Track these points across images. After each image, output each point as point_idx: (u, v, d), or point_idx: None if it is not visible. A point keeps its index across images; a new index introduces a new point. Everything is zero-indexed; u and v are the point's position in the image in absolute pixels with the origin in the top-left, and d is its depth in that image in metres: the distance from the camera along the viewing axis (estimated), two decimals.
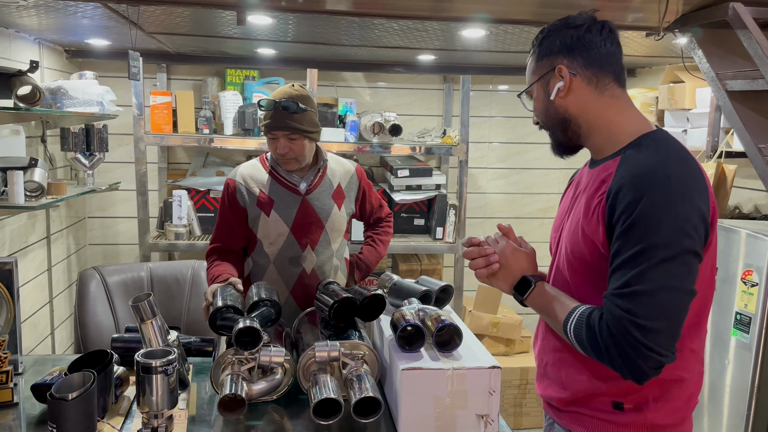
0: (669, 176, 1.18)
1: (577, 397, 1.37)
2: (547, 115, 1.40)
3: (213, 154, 3.83)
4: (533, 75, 1.42)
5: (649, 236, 1.15)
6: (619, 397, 1.31)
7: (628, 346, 1.15)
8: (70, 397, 1.34)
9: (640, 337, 1.14)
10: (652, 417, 1.30)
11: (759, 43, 1.66)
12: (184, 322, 2.76)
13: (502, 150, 4.18)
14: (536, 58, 1.40)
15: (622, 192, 1.20)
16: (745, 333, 2.05)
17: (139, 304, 1.64)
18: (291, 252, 2.18)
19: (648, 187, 1.17)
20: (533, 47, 1.42)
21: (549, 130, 1.43)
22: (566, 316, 1.28)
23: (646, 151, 1.25)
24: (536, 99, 1.42)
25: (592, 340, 1.20)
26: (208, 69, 3.76)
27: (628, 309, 1.15)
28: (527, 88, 1.44)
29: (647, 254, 1.15)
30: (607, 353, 1.18)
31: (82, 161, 3.01)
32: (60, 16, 2.38)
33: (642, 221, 1.16)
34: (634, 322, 1.14)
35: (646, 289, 1.14)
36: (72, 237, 3.58)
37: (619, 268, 1.19)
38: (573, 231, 1.35)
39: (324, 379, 1.55)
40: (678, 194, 1.17)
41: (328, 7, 2.00)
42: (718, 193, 2.55)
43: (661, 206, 1.16)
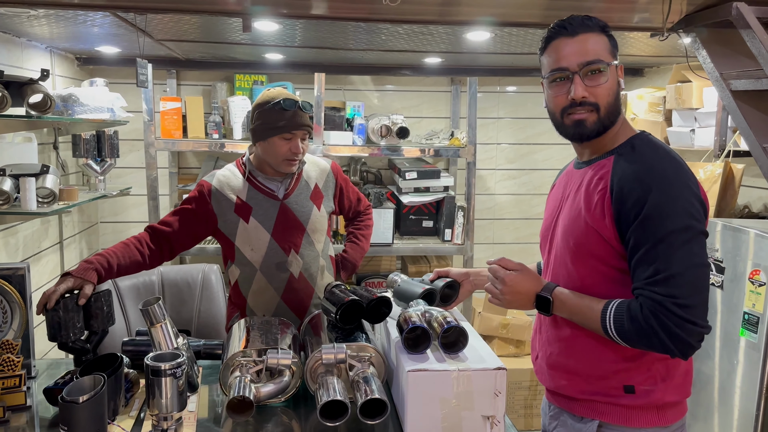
0: (668, 170, 1.31)
1: (589, 383, 1.44)
2: (616, 99, 1.41)
3: (223, 158, 3.86)
4: (610, 56, 1.40)
5: (666, 225, 1.27)
6: (630, 380, 1.39)
7: (674, 326, 1.25)
8: (81, 400, 1.36)
9: (684, 314, 1.24)
10: (661, 396, 1.39)
11: (762, 42, 1.66)
12: (195, 326, 2.79)
13: (510, 151, 4.19)
14: (610, 43, 1.41)
15: (627, 187, 1.31)
16: (754, 333, 2.04)
17: (148, 308, 1.67)
18: (276, 258, 2.16)
19: (653, 182, 1.29)
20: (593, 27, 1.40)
21: (607, 111, 1.39)
22: (601, 314, 1.35)
23: (641, 151, 1.37)
24: (612, 78, 1.39)
25: (639, 329, 1.28)
26: (217, 74, 3.80)
27: (667, 293, 1.25)
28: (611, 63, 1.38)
29: (668, 241, 1.26)
30: (656, 337, 1.26)
31: (94, 167, 3.05)
32: (70, 25, 2.42)
33: (655, 213, 1.27)
34: (676, 302, 1.25)
35: (676, 271, 1.25)
36: (85, 242, 3.63)
37: (644, 259, 1.29)
38: (574, 225, 1.42)
39: (331, 381, 1.56)
40: (679, 185, 1.29)
41: (331, 13, 2.02)
42: (726, 192, 2.54)
43: (669, 197, 1.28)
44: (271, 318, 1.96)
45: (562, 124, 1.44)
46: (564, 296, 1.43)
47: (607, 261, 1.38)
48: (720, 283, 2.22)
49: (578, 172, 1.49)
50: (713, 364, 2.26)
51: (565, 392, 1.50)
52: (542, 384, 1.60)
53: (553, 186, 1.65)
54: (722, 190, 2.52)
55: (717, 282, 2.24)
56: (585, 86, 1.37)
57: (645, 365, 1.39)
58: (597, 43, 1.39)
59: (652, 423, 1.40)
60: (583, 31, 1.39)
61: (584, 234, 1.39)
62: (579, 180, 1.47)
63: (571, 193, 1.48)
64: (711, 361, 2.27)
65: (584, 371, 1.45)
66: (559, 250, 1.48)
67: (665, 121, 3.11)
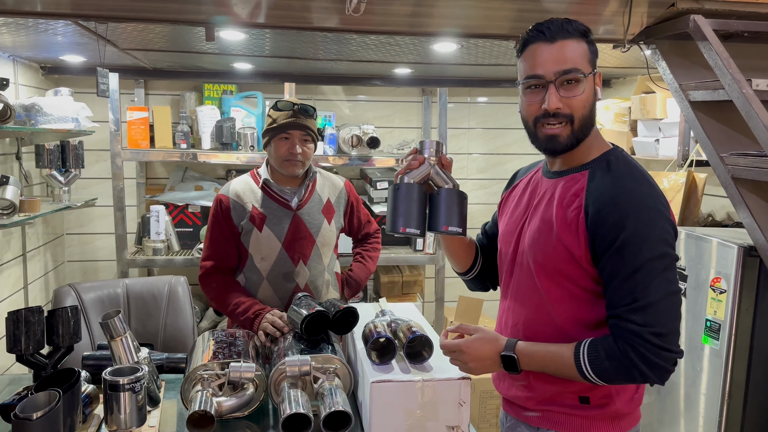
0: (645, 196, 1.29)
1: (545, 396, 1.43)
2: (591, 112, 1.35)
3: (192, 168, 3.82)
4: (589, 65, 1.33)
5: (644, 253, 1.25)
6: (585, 392, 1.39)
7: (653, 355, 1.24)
8: (35, 416, 1.32)
9: (660, 342, 1.24)
10: (615, 408, 1.39)
11: (718, 54, 1.70)
12: (160, 339, 2.74)
13: (481, 161, 4.21)
14: (590, 50, 1.34)
15: (605, 211, 1.28)
16: (716, 340, 2.07)
17: (108, 321, 1.64)
18: (284, 268, 2.19)
19: (631, 208, 1.27)
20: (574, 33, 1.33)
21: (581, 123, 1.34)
22: (574, 360, 1.32)
23: (617, 171, 1.33)
24: (588, 89, 1.33)
25: (618, 366, 1.27)
26: (186, 84, 3.76)
27: (644, 322, 1.24)
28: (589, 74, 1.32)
29: (645, 269, 1.25)
30: (636, 369, 1.26)
31: (58, 178, 2.99)
32: (32, 33, 2.38)
33: (633, 240, 1.25)
34: (653, 331, 1.24)
35: (653, 300, 1.24)
36: (50, 254, 3.55)
37: (621, 285, 1.27)
38: (545, 240, 1.38)
39: (294, 393, 1.54)
40: (655, 211, 1.27)
41: (293, 24, 2.02)
42: (689, 201, 2.58)
43: (646, 225, 1.26)
44: (237, 330, 1.93)
45: (535, 134, 1.38)
46: (529, 350, 1.39)
47: (574, 280, 1.36)
48: (683, 290, 2.25)
49: (549, 182, 1.45)
50: (678, 371, 2.29)
51: (521, 402, 1.49)
52: (499, 393, 1.59)
53: (514, 186, 1.60)
54: (685, 199, 2.56)
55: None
56: (560, 97, 1.31)
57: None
58: (575, 50, 1.32)
59: None
60: (561, 36, 1.32)
61: (554, 250, 1.36)
62: (550, 191, 1.42)
63: (541, 204, 1.44)
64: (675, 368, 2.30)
65: (539, 385, 1.43)
66: (526, 260, 1.45)
67: (631, 131, 3.16)
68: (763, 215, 1.62)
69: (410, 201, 1.45)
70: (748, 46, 1.97)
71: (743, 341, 2.01)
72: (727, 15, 1.89)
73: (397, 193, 1.46)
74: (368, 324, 1.73)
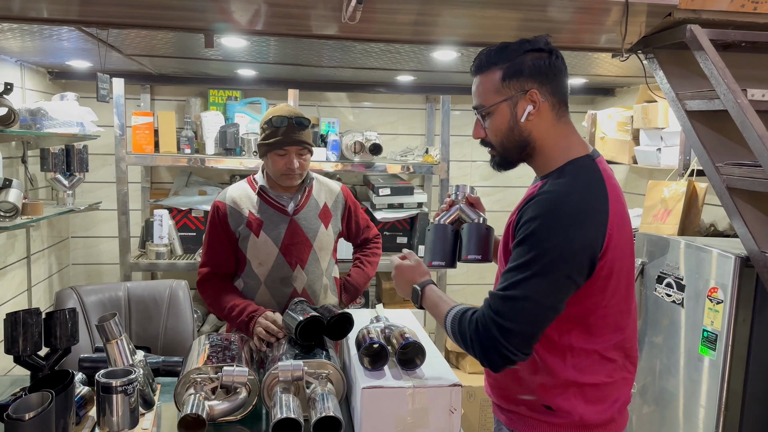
0: (565, 204, 1.32)
1: (515, 397, 1.49)
2: (509, 137, 1.43)
3: (197, 173, 3.85)
4: (497, 95, 1.40)
5: (533, 251, 1.30)
6: (547, 400, 1.43)
7: (486, 339, 1.31)
8: (27, 417, 1.34)
9: (497, 334, 1.30)
10: (581, 418, 1.42)
11: (714, 63, 1.70)
12: (161, 342, 2.76)
13: (485, 168, 4.21)
14: (501, 78, 1.40)
15: (528, 208, 1.35)
16: (713, 350, 2.06)
17: (103, 324, 1.65)
18: (281, 272, 2.20)
19: (544, 210, 1.31)
20: (487, 66, 1.42)
21: (503, 149, 1.46)
22: (446, 313, 1.43)
23: (562, 178, 1.37)
24: (498, 119, 1.42)
25: (462, 334, 1.37)
26: (191, 90, 3.79)
27: (496, 309, 1.31)
28: (491, 106, 1.41)
29: (527, 266, 1.30)
30: (471, 343, 1.34)
31: (62, 181, 3.03)
32: (38, 39, 2.41)
33: (532, 237, 1.31)
34: (496, 321, 1.30)
35: (515, 295, 1.30)
36: (54, 257, 3.58)
37: (506, 272, 1.34)
38: (501, 245, 1.50)
39: (285, 398, 1.55)
40: (569, 221, 1.30)
41: (295, 31, 2.04)
42: (689, 211, 2.57)
43: (550, 229, 1.30)
44: (232, 334, 1.94)
45: None
46: (429, 293, 1.53)
47: None
48: (680, 300, 2.24)
49: (532, 188, 1.51)
50: (677, 382, 2.27)
51: (496, 401, 1.57)
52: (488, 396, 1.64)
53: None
54: (686, 208, 2.55)
55: (677, 300, 2.26)
56: (481, 127, 1.47)
57: (560, 387, 1.42)
58: (484, 83, 1.43)
59: None
60: (478, 72, 1.45)
61: (504, 254, 1.46)
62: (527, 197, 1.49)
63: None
64: (674, 378, 2.28)
65: (509, 386, 1.49)
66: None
67: (633, 140, 3.16)
68: (758, 225, 1.62)
69: (436, 239, 1.68)
70: (747, 56, 1.96)
71: (740, 352, 1.99)
72: (725, 25, 1.89)
73: (428, 233, 1.70)
74: (362, 330, 1.74)
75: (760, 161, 1.57)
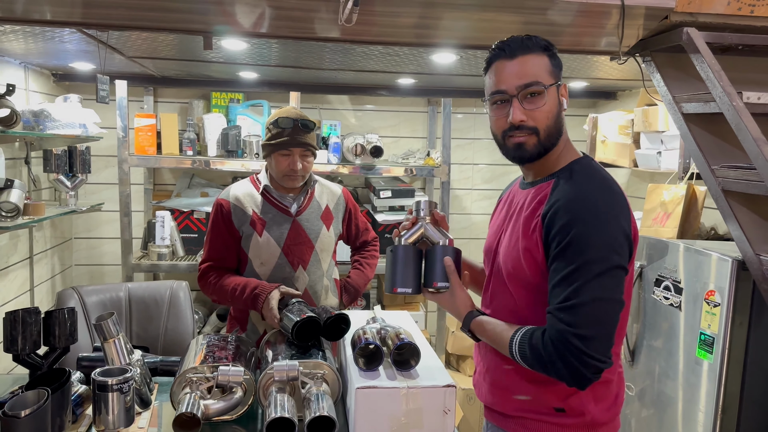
0: (597, 201, 1.32)
1: (521, 401, 1.46)
2: (557, 121, 1.40)
3: (199, 175, 3.87)
4: (551, 77, 1.38)
5: (583, 254, 1.27)
6: (559, 402, 1.42)
7: (570, 355, 1.26)
8: (23, 414, 1.35)
9: (581, 345, 1.25)
10: (591, 417, 1.41)
11: (710, 66, 1.70)
12: (161, 343, 2.77)
13: (486, 171, 4.22)
14: (551, 63, 1.40)
15: (558, 215, 1.32)
16: (710, 353, 2.05)
17: (101, 323, 1.66)
18: (283, 272, 2.21)
19: (581, 211, 1.30)
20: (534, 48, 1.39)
21: (547, 134, 1.39)
22: (509, 340, 1.38)
23: (577, 178, 1.38)
24: (551, 100, 1.38)
25: (538, 357, 1.31)
26: (194, 92, 3.82)
27: (569, 322, 1.27)
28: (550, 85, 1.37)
29: (582, 270, 1.27)
30: (552, 366, 1.29)
31: (64, 182, 3.05)
32: (40, 41, 2.44)
33: (576, 241, 1.28)
34: (575, 333, 1.26)
35: (582, 301, 1.26)
36: (57, 257, 3.60)
37: (558, 284, 1.30)
38: (513, 249, 1.43)
39: (280, 398, 1.55)
40: (605, 217, 1.30)
41: (295, 34, 2.05)
42: (689, 214, 2.56)
43: (591, 227, 1.29)
44: (229, 335, 1.95)
45: (504, 145, 1.44)
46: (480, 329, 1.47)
47: (539, 286, 1.39)
48: (678, 303, 2.24)
49: (522, 193, 1.50)
50: (675, 385, 2.27)
51: (499, 408, 1.52)
52: (479, 400, 1.61)
53: (499, 202, 1.67)
54: (685, 211, 2.55)
55: (675, 303, 2.26)
56: (523, 110, 1.37)
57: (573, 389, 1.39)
58: (536, 65, 1.38)
59: None
60: (522, 52, 1.38)
61: (520, 258, 1.40)
62: (522, 201, 1.48)
63: (514, 214, 1.50)
64: (672, 381, 2.28)
65: (517, 388, 1.47)
66: (499, 270, 1.50)
67: (634, 143, 3.16)
68: (752, 228, 1.62)
69: (402, 261, 1.53)
70: (744, 59, 1.96)
71: (737, 355, 1.99)
72: (722, 28, 1.89)
73: (392, 255, 1.55)
74: (357, 330, 1.75)
75: (754, 164, 1.57)
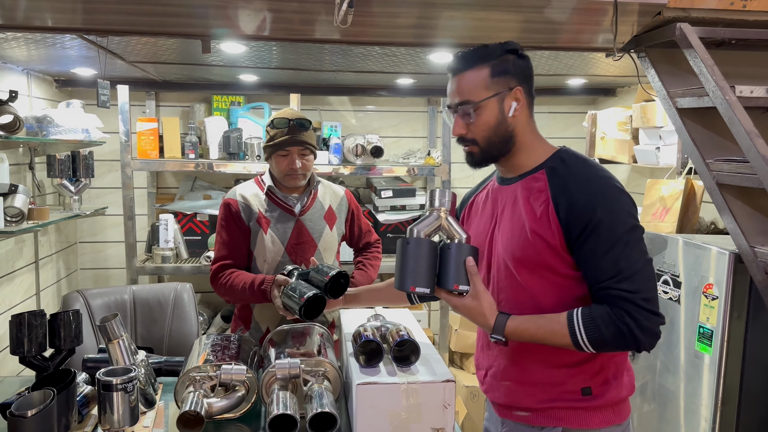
0: (604, 176, 1.42)
1: (547, 391, 1.47)
2: (497, 131, 1.47)
3: (201, 178, 3.90)
4: (486, 90, 1.45)
5: (619, 227, 1.36)
6: (585, 382, 1.45)
7: (645, 319, 1.33)
8: (29, 414, 1.38)
9: (650, 306, 1.34)
10: (615, 393, 1.47)
11: (703, 61, 1.71)
12: (166, 344, 2.80)
13: (487, 170, 4.21)
14: (490, 75, 1.45)
15: (573, 198, 1.39)
16: (708, 346, 2.07)
17: (105, 324, 1.69)
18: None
19: (596, 190, 1.39)
20: (473, 63, 1.46)
21: (488, 144, 1.48)
22: (569, 330, 1.38)
23: (574, 162, 1.46)
24: (487, 114, 1.45)
25: (615, 331, 1.34)
26: (195, 95, 3.85)
27: (634, 289, 1.33)
28: (481, 101, 1.44)
29: (623, 241, 1.35)
30: (631, 335, 1.33)
31: (68, 187, 3.08)
32: (42, 47, 2.47)
33: (606, 217, 1.36)
34: (642, 297, 1.33)
35: (636, 268, 1.35)
36: (62, 261, 3.64)
37: (602, 260, 1.36)
38: (519, 237, 1.46)
39: (282, 395, 1.58)
40: (616, 190, 1.40)
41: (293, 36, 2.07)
42: (688, 208, 2.58)
43: (614, 202, 1.38)
44: (232, 334, 1.98)
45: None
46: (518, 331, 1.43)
47: (554, 268, 1.43)
48: (677, 297, 2.25)
49: (507, 189, 1.54)
50: (676, 379, 2.28)
51: (522, 404, 1.52)
52: (494, 401, 1.60)
53: (470, 205, 1.72)
54: (684, 206, 2.56)
55: (674, 297, 2.27)
56: (462, 123, 1.47)
57: (597, 366, 1.45)
58: (471, 80, 1.45)
59: (610, 422, 1.47)
60: (461, 69, 1.47)
61: (531, 244, 1.43)
62: (511, 195, 1.51)
63: (505, 208, 1.52)
64: (673, 376, 2.29)
65: (540, 380, 1.48)
66: (502, 263, 1.51)
67: (633, 139, 3.17)
68: (747, 221, 1.63)
69: (420, 257, 1.40)
70: (738, 54, 1.97)
71: (736, 347, 2.00)
72: (714, 23, 1.90)
73: (406, 249, 1.42)
74: (358, 327, 1.77)
75: (747, 157, 1.58)
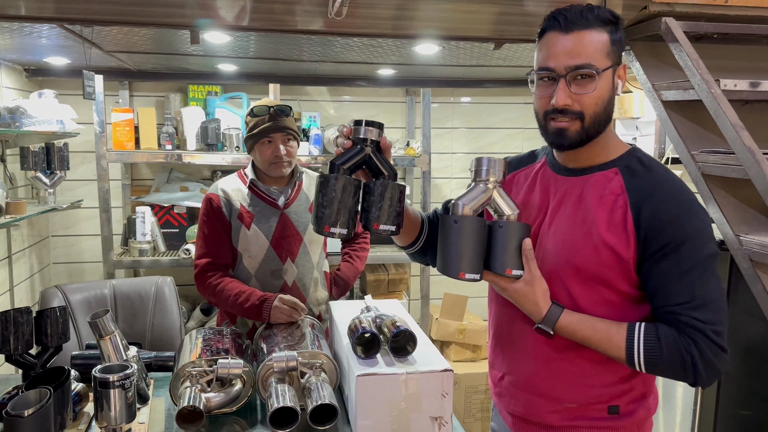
0: (691, 193, 1.28)
1: (573, 410, 1.37)
2: (607, 108, 1.28)
3: (177, 169, 3.84)
4: (607, 58, 1.24)
5: (702, 250, 1.23)
6: (614, 400, 1.35)
7: (713, 354, 1.21)
8: (26, 414, 1.35)
9: (720, 341, 1.22)
10: (640, 413, 1.37)
11: (688, 55, 1.76)
12: (148, 339, 2.77)
13: (465, 160, 4.26)
14: (611, 42, 1.25)
15: (658, 208, 1.24)
16: None
17: (97, 321, 1.66)
18: (272, 265, 2.23)
19: (686, 205, 1.25)
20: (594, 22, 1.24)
21: (594, 121, 1.27)
22: (626, 343, 1.26)
23: (657, 168, 1.31)
24: (604, 84, 1.24)
25: (676, 358, 1.22)
26: (170, 85, 3.77)
27: (708, 319, 1.21)
28: (605, 69, 1.23)
29: (703, 266, 1.23)
30: (692, 368, 1.22)
31: (43, 180, 3.00)
32: (16, 36, 2.39)
33: (694, 237, 1.23)
34: (714, 330, 1.21)
35: (713, 297, 1.23)
36: (35, 256, 3.55)
37: (676, 283, 1.23)
38: (585, 244, 1.30)
39: (281, 388, 1.58)
40: (702, 209, 1.27)
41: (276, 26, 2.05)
42: None
43: (701, 221, 1.25)
44: (223, 328, 1.97)
45: (544, 127, 1.31)
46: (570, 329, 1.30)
47: (613, 284, 1.29)
48: None
49: (568, 180, 1.36)
50: None
51: (542, 419, 1.41)
52: (506, 409, 1.50)
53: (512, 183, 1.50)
54: None
55: None
56: (570, 93, 1.23)
57: (629, 385, 1.35)
58: (592, 43, 1.23)
59: None
60: (578, 27, 1.23)
61: (597, 254, 1.28)
62: (575, 190, 1.34)
63: (564, 203, 1.35)
64: None
65: (568, 397, 1.37)
66: (550, 266, 1.34)
67: None
68: (731, 210, 1.69)
69: (471, 238, 1.26)
70: (719, 47, 2.03)
71: None
72: (697, 17, 1.95)
73: (452, 228, 1.27)
74: (354, 320, 1.78)
75: (732, 148, 1.64)
